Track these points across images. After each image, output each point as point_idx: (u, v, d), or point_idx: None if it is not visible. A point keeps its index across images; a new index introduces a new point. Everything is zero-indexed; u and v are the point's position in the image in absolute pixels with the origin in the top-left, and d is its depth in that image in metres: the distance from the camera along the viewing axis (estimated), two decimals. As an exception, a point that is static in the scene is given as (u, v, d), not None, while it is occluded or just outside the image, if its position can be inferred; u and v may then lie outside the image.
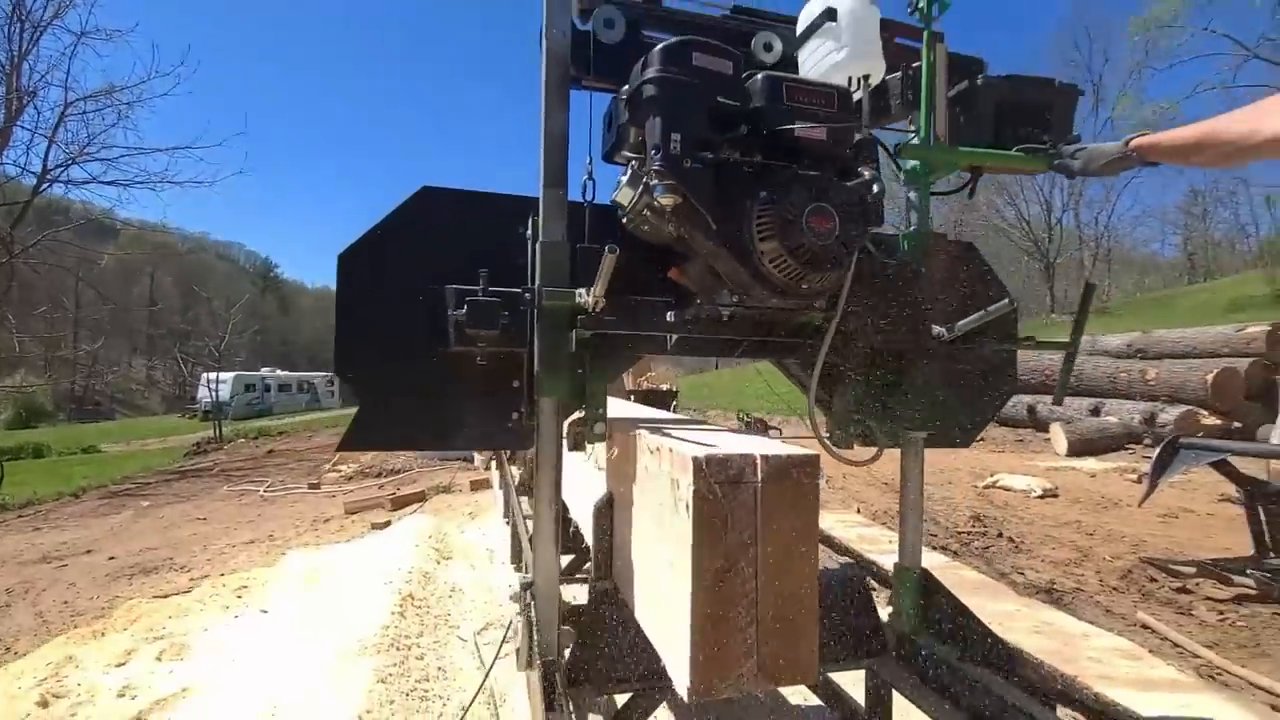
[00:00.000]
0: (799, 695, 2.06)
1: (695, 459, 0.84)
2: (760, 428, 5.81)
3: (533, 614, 1.19)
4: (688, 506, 0.84)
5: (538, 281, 1.22)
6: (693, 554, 0.83)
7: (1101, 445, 8.55)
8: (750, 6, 1.50)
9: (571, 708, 1.08)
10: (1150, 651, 2.48)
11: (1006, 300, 1.31)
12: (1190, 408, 8.35)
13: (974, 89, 1.44)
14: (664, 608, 0.96)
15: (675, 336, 1.28)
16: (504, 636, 2.05)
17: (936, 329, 1.35)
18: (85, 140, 10.88)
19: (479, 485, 6.06)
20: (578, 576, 2.34)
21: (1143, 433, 8.58)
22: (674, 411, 3.33)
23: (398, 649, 2.23)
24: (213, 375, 20.62)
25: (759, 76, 1.13)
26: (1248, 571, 3.56)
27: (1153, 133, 1.25)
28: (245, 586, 3.76)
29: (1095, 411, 9.51)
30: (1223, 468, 3.67)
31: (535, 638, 1.16)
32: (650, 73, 1.06)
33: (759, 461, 0.86)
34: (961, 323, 1.31)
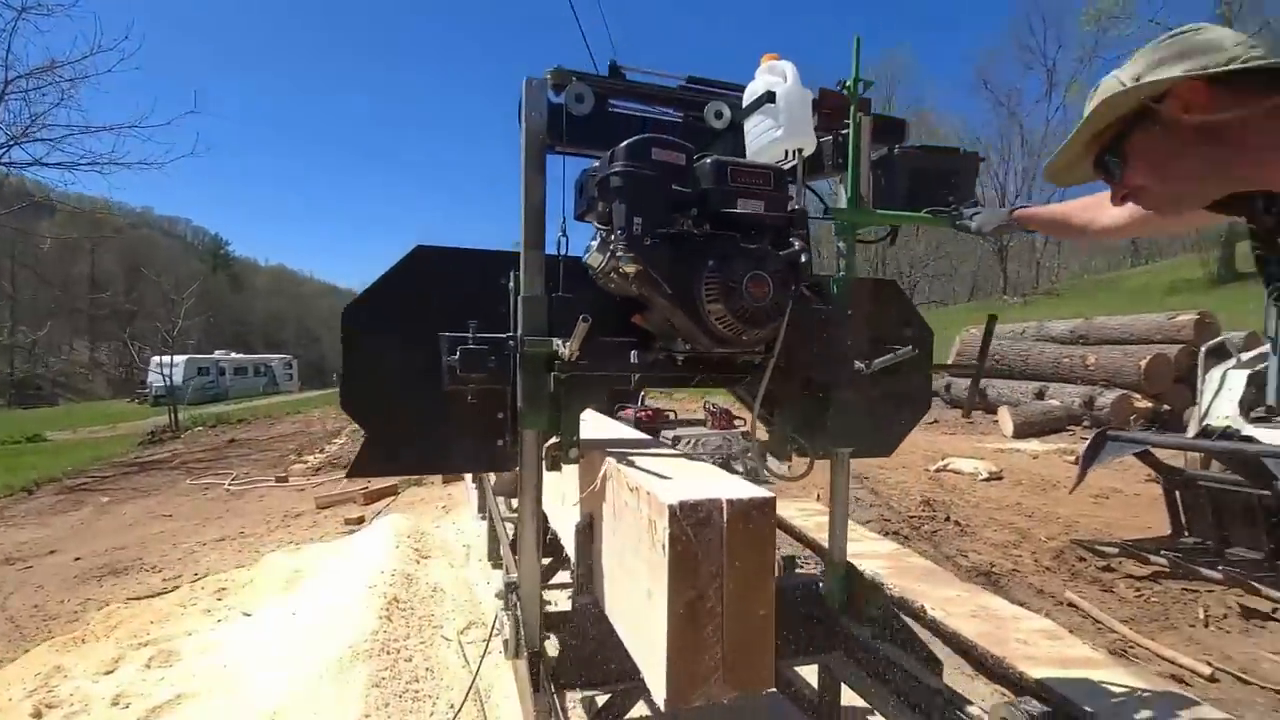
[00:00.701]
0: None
1: (671, 506, 0.98)
2: (725, 418, 6.09)
3: (519, 612, 1.42)
4: (664, 546, 0.98)
5: (520, 330, 1.42)
6: (669, 586, 0.97)
7: (1045, 427, 9.16)
8: (703, 77, 1.71)
9: (556, 699, 1.31)
10: (1071, 631, 2.73)
11: (910, 347, 1.56)
12: (1125, 392, 9.00)
13: (891, 157, 1.69)
14: (642, 627, 1.10)
15: (636, 374, 1.50)
16: (490, 634, 2.20)
17: (858, 364, 1.61)
18: (28, 120, 10.40)
19: (452, 479, 6.21)
20: (553, 583, 2.53)
21: (1082, 415, 9.22)
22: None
23: (388, 653, 2.35)
24: (163, 359, 19.97)
25: (707, 161, 1.35)
26: (1162, 551, 3.98)
27: (1034, 206, 1.52)
28: (224, 589, 3.81)
29: (1040, 395, 10.14)
30: (1145, 457, 4.05)
31: (521, 632, 1.38)
32: (617, 166, 1.27)
33: (725, 505, 1.01)
34: (877, 361, 1.57)
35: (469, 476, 5.51)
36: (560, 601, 2.45)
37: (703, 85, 1.70)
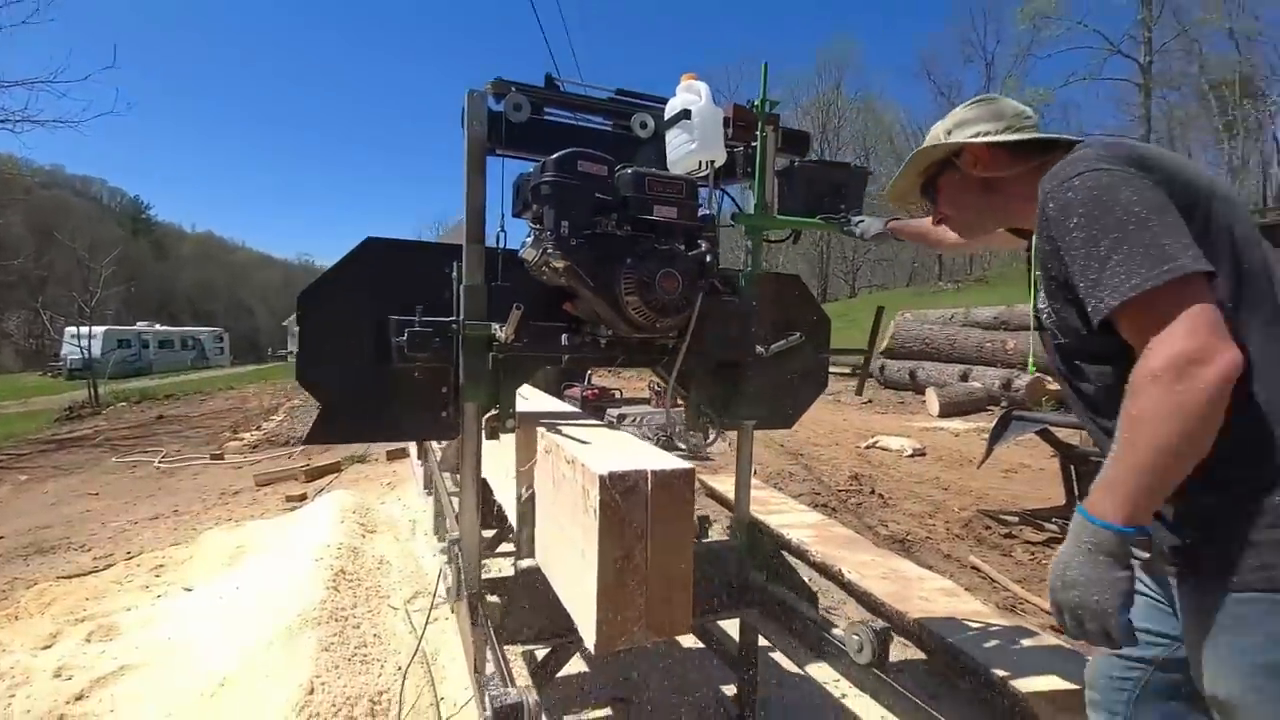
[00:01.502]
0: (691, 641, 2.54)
1: (601, 476, 1.09)
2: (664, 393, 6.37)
3: (460, 562, 1.63)
4: (595, 511, 1.10)
5: (462, 315, 1.61)
6: (599, 546, 1.09)
7: (968, 407, 9.85)
8: (630, 90, 1.91)
9: (496, 641, 1.47)
10: (969, 589, 3.05)
11: (798, 334, 1.83)
12: (1038, 374, 9.76)
13: (793, 169, 1.94)
14: (575, 583, 1.23)
15: (566, 354, 1.72)
16: (433, 599, 2.36)
17: (759, 348, 1.87)
18: (-74, 74, 9.53)
19: (396, 455, 6.25)
20: (497, 551, 2.73)
21: (1000, 396, 9.97)
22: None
23: (336, 620, 2.44)
24: (79, 330, 18.79)
25: (628, 172, 1.56)
26: (1055, 520, 4.42)
27: (904, 220, 1.82)
28: (162, 565, 3.79)
29: (964, 377, 10.86)
30: (1045, 435, 4.48)
31: (463, 578, 1.60)
32: (547, 175, 1.46)
33: (649, 475, 1.13)
34: (774, 346, 1.83)
35: (414, 454, 5.60)
36: (505, 569, 2.64)
37: (629, 97, 1.90)
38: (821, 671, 2.23)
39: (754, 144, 1.92)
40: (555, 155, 1.48)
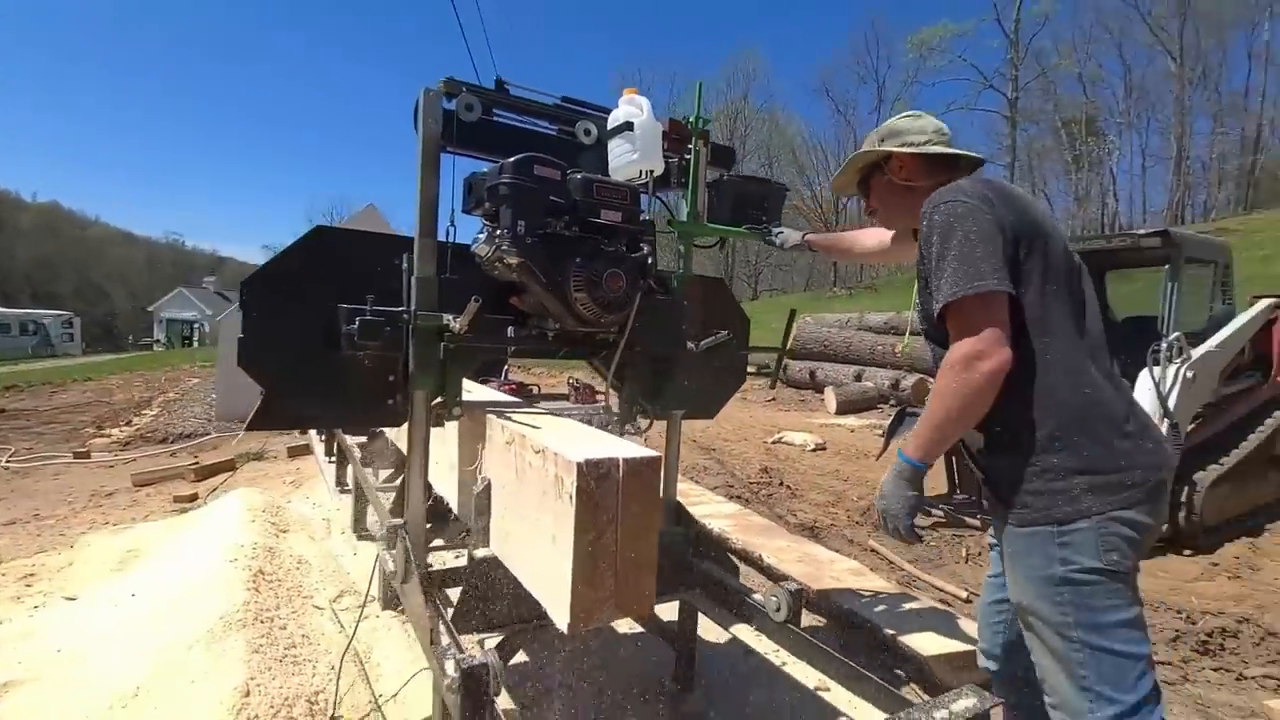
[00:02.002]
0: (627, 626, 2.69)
1: (578, 463, 1.14)
2: (588, 393, 6.46)
3: (407, 543, 1.68)
4: (571, 496, 1.14)
5: (414, 306, 1.67)
6: (575, 530, 1.13)
7: (862, 405, 10.64)
8: (575, 98, 2.02)
9: (452, 632, 1.48)
10: (872, 569, 3.37)
11: (727, 332, 2.04)
12: (922, 376, 10.73)
13: (721, 182, 2.14)
14: (545, 567, 1.25)
15: (514, 346, 1.82)
16: (366, 597, 2.29)
17: (690, 344, 2.05)
18: None
19: (298, 451, 5.93)
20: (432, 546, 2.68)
21: (889, 395, 10.87)
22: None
23: (261, 621, 2.33)
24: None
25: (578, 177, 1.68)
26: (939, 506, 4.93)
27: (820, 234, 2.07)
28: (33, 574, 3.42)
29: (858, 377, 11.72)
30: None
31: (411, 558, 1.65)
32: (505, 177, 1.56)
33: (621, 463, 1.18)
34: (704, 342, 2.02)
35: (320, 451, 5.36)
36: (447, 561, 2.63)
37: (575, 105, 2.01)
38: (743, 634, 2.43)
39: (687, 156, 2.10)
40: (513, 159, 1.58)
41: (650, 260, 1.77)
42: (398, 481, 3.11)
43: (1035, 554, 1.30)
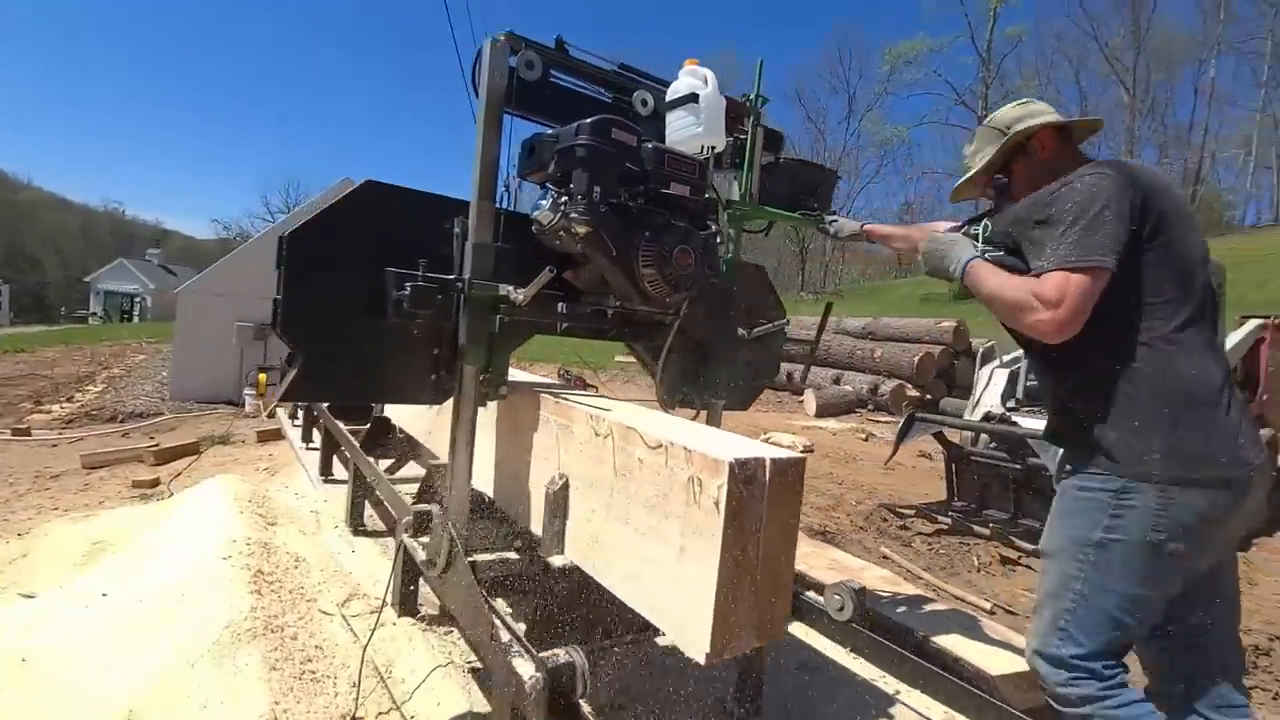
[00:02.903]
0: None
1: (730, 464, 0.99)
2: (580, 384, 6.33)
3: (453, 530, 1.55)
4: (718, 504, 0.99)
5: (469, 274, 1.54)
6: (722, 543, 0.97)
7: (841, 408, 10.74)
8: (632, 66, 1.92)
9: (513, 629, 1.33)
10: (903, 578, 3.29)
11: (786, 320, 1.96)
12: (900, 381, 10.92)
13: (776, 165, 2.06)
14: (667, 584, 1.08)
15: (565, 323, 1.71)
16: (383, 600, 1.93)
17: (740, 331, 1.97)
18: None
19: (268, 436, 5.58)
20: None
21: (868, 399, 11.02)
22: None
23: (272, 631, 2.05)
24: None
25: (649, 147, 1.58)
26: (948, 513, 4.84)
27: (880, 225, 2.00)
28: None
29: (837, 380, 11.83)
30: (938, 436, 4.98)
31: (456, 546, 1.52)
32: (582, 139, 1.45)
33: (768, 464, 1.04)
34: (756, 330, 1.94)
35: (295, 438, 5.07)
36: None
37: (633, 73, 1.91)
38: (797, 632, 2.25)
39: (742, 136, 2.02)
40: (590, 119, 1.47)
41: (718, 239, 1.68)
42: (402, 471, 2.95)
43: (1083, 518, 1.37)
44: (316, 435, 4.71)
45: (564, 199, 1.51)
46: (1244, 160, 35.68)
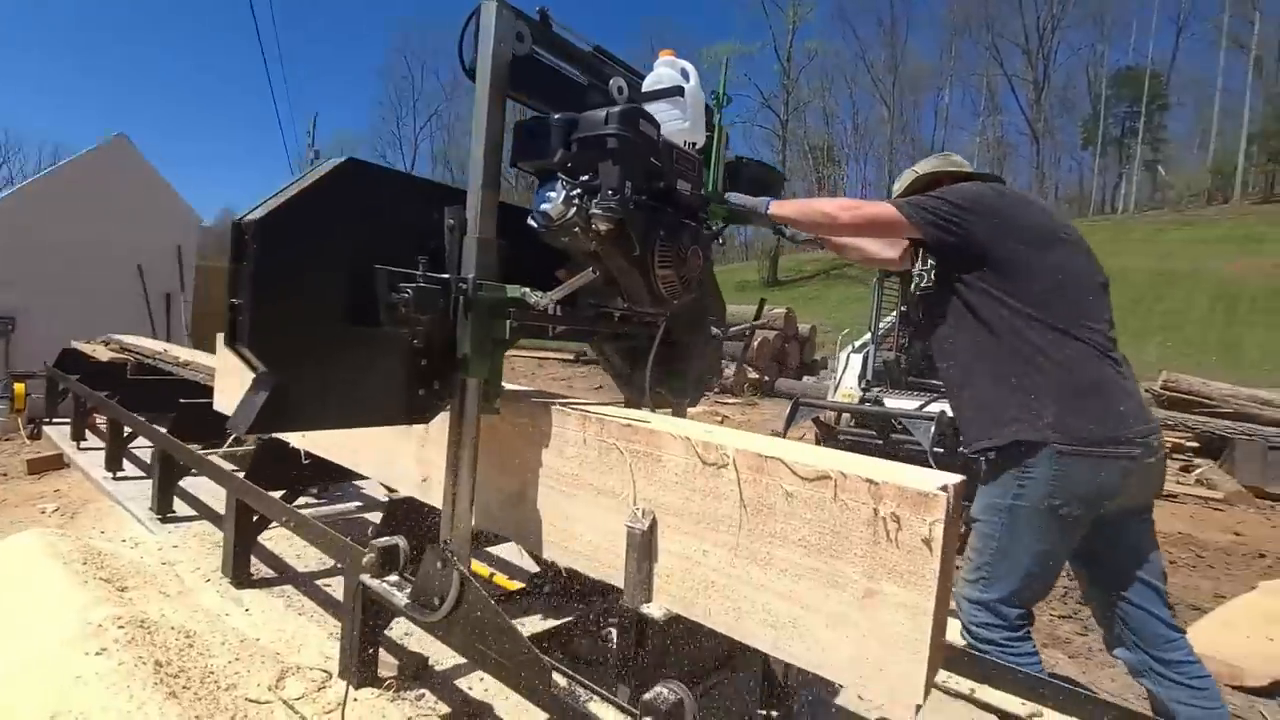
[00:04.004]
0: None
1: (939, 495, 0.90)
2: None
3: (459, 567, 1.34)
4: (928, 541, 0.90)
5: (473, 273, 1.33)
6: (938, 586, 0.90)
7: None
8: (607, 50, 1.80)
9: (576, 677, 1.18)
10: None
11: (760, 319, 2.00)
12: (744, 365, 11.74)
13: (737, 164, 2.08)
14: (854, 636, 0.97)
15: (562, 326, 1.57)
16: (328, 676, 1.69)
17: (714, 330, 1.96)
18: None
19: (44, 466, 4.28)
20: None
21: (715, 385, 11.69)
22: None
23: None
24: None
25: (664, 141, 1.50)
26: None
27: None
28: None
29: None
30: (817, 420, 5.34)
31: (466, 581, 1.33)
32: (612, 128, 1.32)
33: (951, 490, 0.94)
34: (734, 328, 1.96)
35: (83, 463, 4.04)
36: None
37: (606, 57, 1.79)
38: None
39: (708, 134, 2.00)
40: (619, 108, 1.35)
41: (719, 239, 1.66)
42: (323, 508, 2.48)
43: (997, 487, 1.66)
44: (129, 464, 3.81)
45: (576, 192, 1.38)
46: (971, 177, 44.49)
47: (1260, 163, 35.49)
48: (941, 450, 3.53)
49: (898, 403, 4.42)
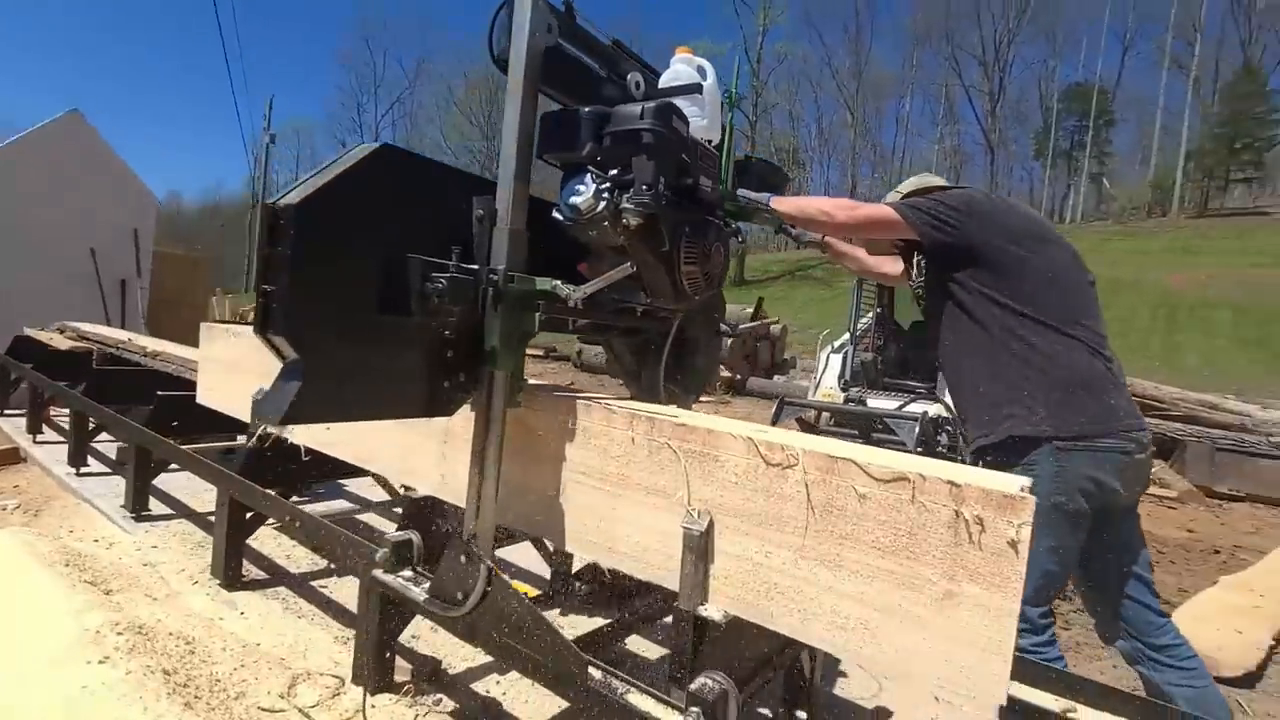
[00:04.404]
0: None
1: (1026, 498, 0.92)
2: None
3: (485, 561, 1.33)
4: (1014, 544, 0.91)
5: (503, 264, 1.32)
6: (1022, 590, 0.92)
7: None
8: (624, 43, 1.79)
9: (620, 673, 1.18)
10: None
11: (771, 317, 2.03)
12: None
13: (747, 162, 2.10)
14: (930, 638, 0.97)
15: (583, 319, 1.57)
16: (341, 682, 1.62)
17: (724, 326, 1.99)
18: None
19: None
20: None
21: (715, 379, 11.78)
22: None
23: None
24: None
25: (692, 138, 1.51)
26: None
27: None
28: None
29: None
30: (800, 419, 5.42)
31: (494, 574, 1.32)
32: (648, 123, 1.32)
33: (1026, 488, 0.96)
34: (742, 327, 1.98)
35: (40, 456, 3.83)
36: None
37: (624, 51, 1.78)
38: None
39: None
40: (653, 104, 1.35)
41: (739, 237, 1.68)
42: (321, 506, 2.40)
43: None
44: (92, 460, 3.63)
45: (606, 186, 1.38)
46: (931, 182, 46.41)
47: (1196, 179, 37.53)
48: (922, 450, 3.64)
49: (878, 403, 4.53)
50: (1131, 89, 45.07)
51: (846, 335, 5.02)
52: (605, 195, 1.37)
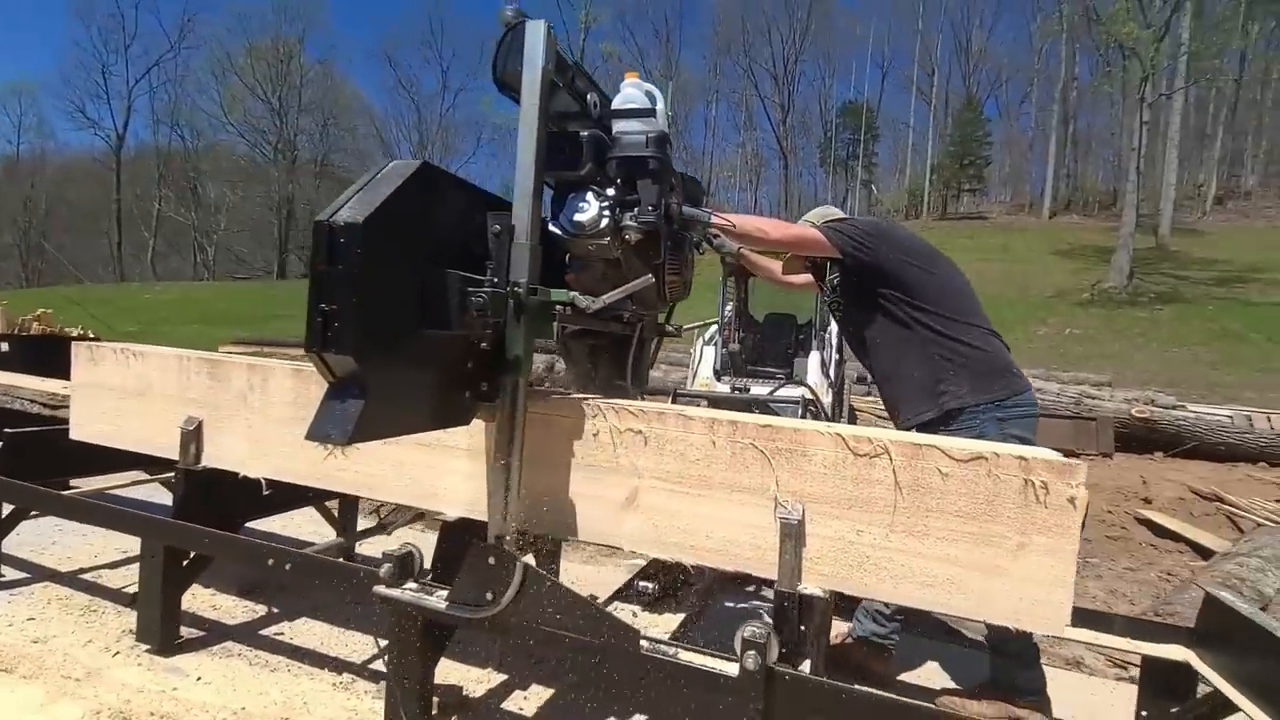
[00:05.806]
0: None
1: (1081, 463, 1.17)
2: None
3: (519, 558, 1.39)
4: (1073, 500, 1.16)
5: (525, 277, 1.39)
6: (1081, 532, 1.16)
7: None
8: (580, 64, 1.90)
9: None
10: None
11: (719, 318, 2.27)
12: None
13: (681, 178, 2.32)
14: (1009, 582, 1.20)
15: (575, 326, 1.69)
16: None
17: (669, 326, 2.19)
18: None
19: None
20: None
21: (544, 377, 11.65)
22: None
23: None
24: None
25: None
26: None
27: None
28: None
29: (550, 368, 12.25)
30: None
31: (528, 568, 1.39)
32: (652, 150, 1.48)
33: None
34: (687, 326, 2.20)
35: None
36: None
37: (582, 74, 1.90)
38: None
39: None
40: (658, 133, 1.51)
41: (699, 249, 1.90)
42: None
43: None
44: None
45: (606, 204, 1.52)
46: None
47: (938, 188, 45.79)
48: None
49: (756, 389, 5.02)
50: (890, 110, 53.54)
51: (715, 328, 5.47)
52: (608, 212, 1.50)
